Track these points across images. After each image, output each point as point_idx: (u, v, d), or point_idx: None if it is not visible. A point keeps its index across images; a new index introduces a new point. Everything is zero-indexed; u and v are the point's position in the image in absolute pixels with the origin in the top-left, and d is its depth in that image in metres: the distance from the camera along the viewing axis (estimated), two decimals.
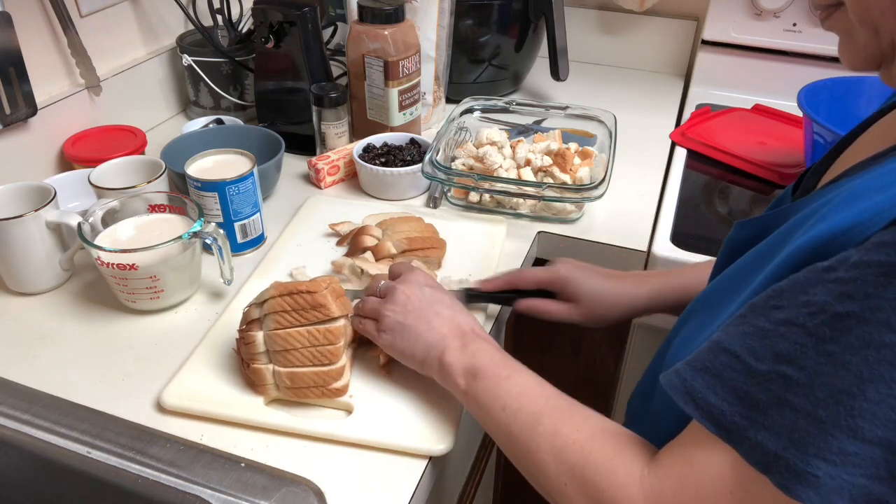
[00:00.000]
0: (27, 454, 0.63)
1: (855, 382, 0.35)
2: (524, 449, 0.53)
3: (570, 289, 0.73)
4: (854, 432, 0.35)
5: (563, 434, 0.51)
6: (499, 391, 0.56)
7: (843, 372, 0.36)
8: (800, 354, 0.37)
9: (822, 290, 0.37)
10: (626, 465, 0.47)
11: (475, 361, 0.58)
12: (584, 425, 0.51)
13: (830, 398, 0.36)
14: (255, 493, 0.57)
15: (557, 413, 0.53)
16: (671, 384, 0.44)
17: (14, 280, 0.80)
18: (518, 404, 0.54)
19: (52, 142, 1.00)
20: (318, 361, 0.64)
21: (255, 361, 0.65)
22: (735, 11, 1.25)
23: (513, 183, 0.92)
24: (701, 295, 0.56)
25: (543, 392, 0.55)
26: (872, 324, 0.35)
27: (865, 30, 0.44)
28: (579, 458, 0.49)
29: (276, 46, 1.05)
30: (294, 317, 0.64)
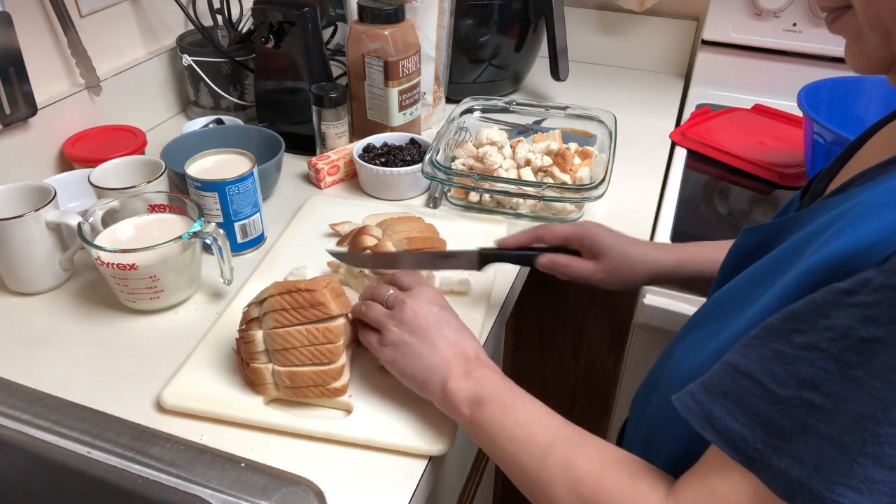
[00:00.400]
0: (27, 454, 0.63)
1: (880, 408, 0.35)
2: (535, 482, 0.51)
3: (597, 245, 0.72)
4: (880, 459, 0.35)
5: (575, 466, 0.49)
6: (506, 421, 0.54)
7: (868, 397, 0.35)
8: (824, 380, 0.37)
9: (844, 314, 0.37)
10: (643, 497, 0.46)
11: (480, 389, 0.57)
12: (596, 456, 0.50)
13: (855, 424, 0.35)
14: (255, 493, 0.57)
15: (567, 444, 0.51)
16: (687, 409, 0.43)
17: (14, 280, 0.80)
18: (526, 435, 0.53)
19: (52, 142, 1.00)
20: (318, 360, 0.64)
21: (254, 361, 0.65)
22: (735, 11, 1.25)
23: (513, 183, 0.92)
24: (708, 303, 0.55)
25: (552, 422, 0.54)
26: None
27: (876, 34, 0.44)
28: (594, 492, 0.47)
29: (276, 46, 1.05)
30: (293, 315, 0.64)
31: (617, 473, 0.48)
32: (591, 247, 0.72)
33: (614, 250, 0.72)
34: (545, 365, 1.16)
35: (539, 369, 1.17)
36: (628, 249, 0.72)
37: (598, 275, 0.72)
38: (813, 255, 0.41)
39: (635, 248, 0.73)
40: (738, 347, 0.42)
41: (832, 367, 0.36)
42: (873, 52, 0.45)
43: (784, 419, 0.38)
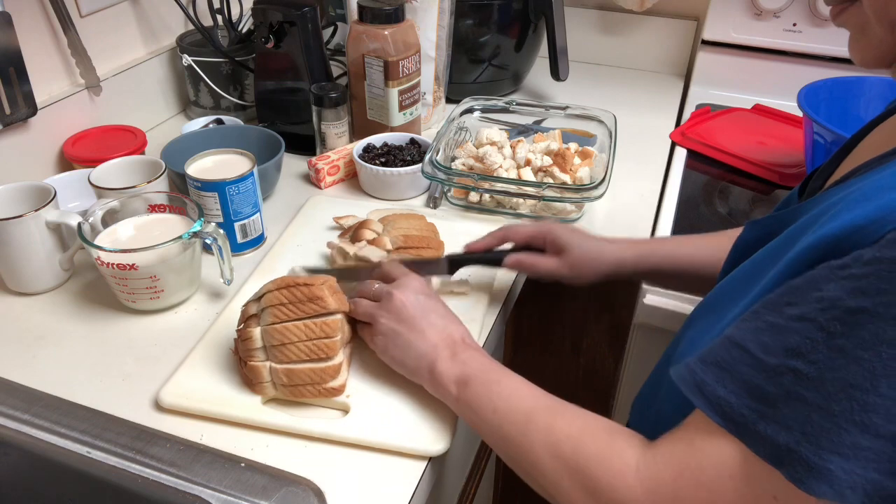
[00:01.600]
0: (27, 454, 0.63)
1: (868, 378, 0.35)
2: (518, 448, 0.53)
3: (558, 241, 0.75)
4: (867, 427, 0.35)
5: (555, 429, 0.51)
6: (490, 395, 0.56)
7: (856, 367, 0.36)
8: (810, 349, 0.37)
9: (834, 286, 0.37)
10: (620, 452, 0.47)
11: (465, 369, 0.59)
12: (575, 419, 0.52)
13: (843, 393, 0.36)
14: (255, 493, 0.57)
15: (548, 410, 0.53)
16: (681, 377, 0.44)
17: (14, 280, 0.80)
18: (508, 405, 0.55)
19: (52, 142, 1.00)
20: (315, 356, 0.64)
21: (252, 359, 0.65)
22: (735, 11, 1.25)
23: (513, 183, 0.92)
24: (711, 294, 0.56)
25: (532, 392, 0.56)
26: (885, 319, 0.35)
27: (882, 26, 0.44)
28: (573, 451, 0.49)
29: (276, 46, 1.05)
30: (291, 309, 0.64)
31: (595, 433, 0.50)
32: (552, 243, 0.75)
33: (575, 246, 0.74)
34: (545, 364, 1.16)
35: (539, 369, 1.17)
36: (589, 245, 0.75)
37: (561, 270, 0.75)
38: (811, 235, 0.42)
39: (595, 244, 0.75)
40: (737, 322, 0.43)
41: (818, 335, 0.37)
42: (878, 44, 0.45)
43: (770, 386, 0.38)
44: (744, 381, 0.40)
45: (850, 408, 0.36)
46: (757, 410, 0.39)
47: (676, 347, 0.56)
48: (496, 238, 0.78)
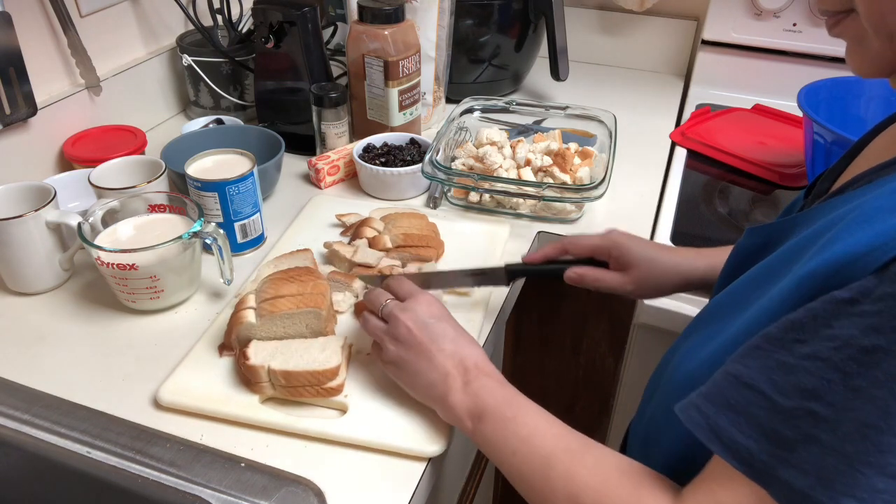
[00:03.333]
0: (27, 454, 0.63)
1: (882, 417, 0.35)
2: (539, 494, 0.51)
3: (625, 256, 0.71)
4: (883, 468, 0.35)
5: (577, 478, 0.49)
6: (507, 434, 0.54)
7: (871, 406, 0.35)
8: (827, 390, 0.37)
9: (846, 323, 0.37)
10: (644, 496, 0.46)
11: (479, 402, 0.57)
12: (596, 467, 0.49)
13: (858, 433, 0.35)
14: (255, 493, 0.57)
15: (569, 456, 0.51)
16: (692, 421, 0.43)
17: (14, 280, 0.80)
18: (528, 448, 0.53)
19: (52, 142, 1.00)
20: (305, 305, 0.67)
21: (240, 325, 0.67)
22: (735, 11, 1.25)
23: (513, 183, 0.92)
24: (709, 304, 0.55)
25: (552, 431, 0.53)
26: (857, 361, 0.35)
27: (879, 37, 0.43)
28: (595, 503, 0.47)
29: (276, 46, 1.05)
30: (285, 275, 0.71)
31: (619, 483, 0.48)
32: (618, 258, 0.71)
33: (644, 260, 0.70)
34: (545, 365, 1.16)
35: (539, 369, 1.17)
36: (658, 259, 0.71)
37: (627, 286, 0.71)
38: (810, 261, 0.41)
39: (665, 257, 0.71)
40: (739, 357, 0.42)
41: (834, 376, 0.36)
42: (877, 55, 0.45)
43: (788, 430, 0.38)
44: (760, 426, 0.39)
45: (865, 449, 0.35)
46: (776, 456, 0.38)
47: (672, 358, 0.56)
48: (556, 249, 0.75)
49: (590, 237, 0.74)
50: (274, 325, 0.68)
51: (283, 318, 0.68)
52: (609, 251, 0.72)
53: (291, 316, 0.68)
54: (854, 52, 0.47)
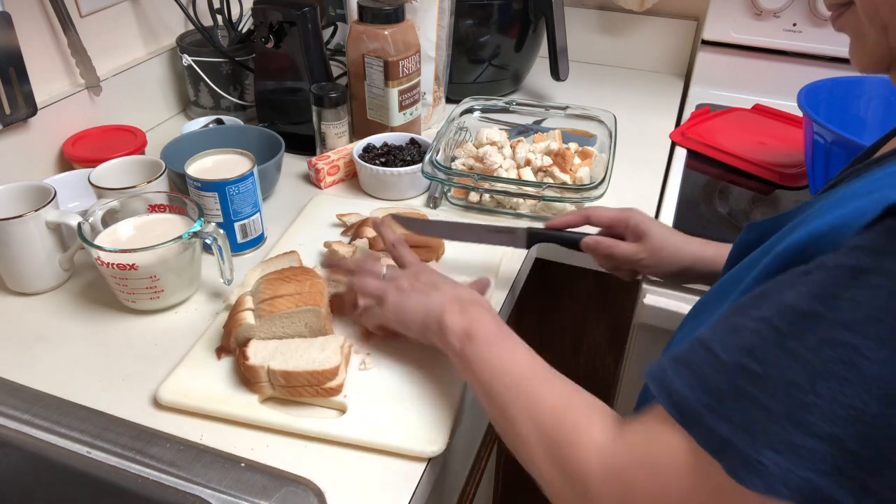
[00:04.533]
0: (27, 454, 0.63)
1: (808, 378, 0.36)
2: (504, 411, 0.54)
3: (641, 225, 0.74)
4: (803, 426, 0.36)
5: (540, 399, 0.52)
6: (490, 356, 0.57)
7: (799, 367, 0.37)
8: (762, 349, 0.38)
9: (795, 291, 0.39)
10: (591, 431, 0.48)
11: (472, 325, 0.60)
12: (562, 391, 0.53)
13: (783, 391, 0.37)
14: (255, 493, 0.57)
15: (538, 379, 0.54)
16: (651, 374, 0.45)
17: (14, 280, 0.80)
18: (504, 368, 0.56)
19: (52, 142, 1.00)
20: (303, 303, 0.68)
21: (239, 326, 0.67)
22: (735, 11, 1.25)
23: (513, 183, 0.92)
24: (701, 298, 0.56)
25: (531, 360, 0.56)
26: (832, 323, 0.36)
27: (874, 28, 0.44)
28: (551, 423, 0.50)
29: (276, 46, 1.05)
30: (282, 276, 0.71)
31: (576, 404, 0.51)
32: (635, 228, 0.75)
33: (658, 233, 0.74)
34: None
35: None
36: (671, 235, 0.74)
37: (640, 254, 0.74)
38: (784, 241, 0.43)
39: (677, 236, 0.75)
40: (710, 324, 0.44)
41: (772, 336, 0.38)
42: (873, 47, 0.46)
43: (722, 383, 0.40)
44: (702, 378, 0.41)
45: (789, 406, 0.37)
46: (707, 405, 0.40)
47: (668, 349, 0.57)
48: (578, 217, 0.78)
49: (609, 208, 0.77)
50: (273, 325, 0.68)
51: (282, 318, 0.68)
52: (627, 221, 0.75)
53: (291, 315, 0.68)
54: (854, 47, 0.48)
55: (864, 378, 0.35)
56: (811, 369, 0.36)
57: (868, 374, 0.35)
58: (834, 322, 0.36)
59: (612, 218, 0.76)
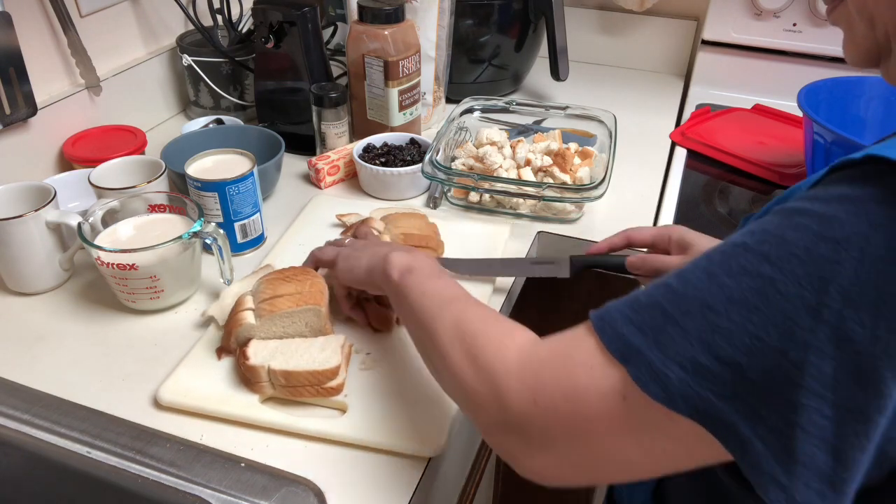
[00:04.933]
0: (27, 454, 0.63)
1: (724, 303, 0.37)
2: (429, 325, 0.54)
3: (685, 236, 0.74)
4: (712, 349, 0.37)
5: (467, 314, 0.53)
6: (424, 286, 0.58)
7: (717, 291, 0.37)
8: (688, 271, 0.40)
9: (742, 230, 0.40)
10: (513, 334, 0.49)
11: (413, 263, 0.62)
12: (486, 311, 0.53)
13: (698, 312, 0.38)
14: (255, 493, 0.57)
15: (466, 301, 0.55)
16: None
17: (14, 280, 0.80)
18: (436, 293, 0.57)
19: (52, 142, 1.00)
20: (304, 302, 0.68)
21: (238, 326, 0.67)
22: (735, 11, 1.25)
23: (513, 183, 0.92)
24: None
25: (463, 290, 0.58)
26: (757, 255, 0.37)
27: (863, 21, 0.45)
28: (475, 331, 0.50)
29: (276, 46, 1.05)
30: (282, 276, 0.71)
31: (501, 322, 0.51)
32: (679, 241, 0.74)
33: (702, 243, 0.73)
34: None
35: None
36: (713, 242, 0.74)
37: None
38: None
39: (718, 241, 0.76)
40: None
41: (700, 261, 0.40)
42: (862, 41, 0.46)
43: (644, 296, 0.41)
44: (631, 296, 0.42)
45: (701, 327, 0.37)
46: (624, 314, 0.41)
47: None
48: (620, 238, 0.78)
49: (650, 228, 0.78)
50: (274, 324, 0.68)
51: (282, 318, 0.68)
52: (669, 236, 0.75)
53: (291, 315, 0.68)
54: (845, 40, 0.48)
55: (772, 310, 0.35)
56: (728, 295, 0.37)
57: (777, 308, 0.35)
58: (758, 254, 0.37)
59: (654, 235, 0.76)
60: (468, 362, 0.49)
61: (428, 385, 0.67)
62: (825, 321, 0.34)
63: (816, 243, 0.35)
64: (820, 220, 0.35)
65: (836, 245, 0.34)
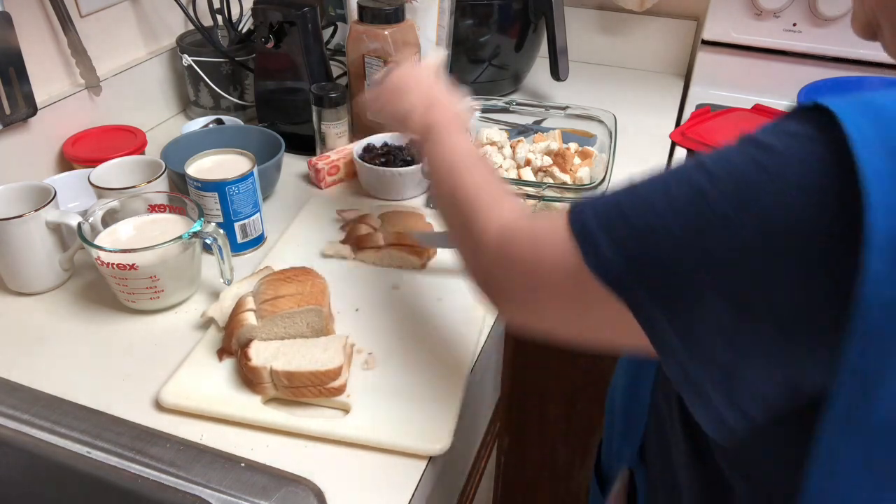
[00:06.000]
0: (27, 454, 0.63)
1: (664, 206, 0.41)
2: (446, 184, 0.61)
3: None
4: (646, 244, 0.41)
5: (471, 177, 0.59)
6: (444, 146, 0.65)
7: (662, 196, 0.41)
8: (652, 176, 0.44)
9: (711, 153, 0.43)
10: (504, 203, 0.56)
11: (435, 122, 0.67)
12: (491, 175, 0.60)
13: (644, 211, 0.42)
14: (255, 493, 0.57)
15: (475, 164, 0.62)
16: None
17: (14, 280, 0.80)
18: (449, 151, 0.64)
19: (52, 142, 1.00)
20: (306, 302, 0.68)
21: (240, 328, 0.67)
22: (735, 11, 1.25)
23: (513, 183, 0.92)
24: None
25: (472, 152, 0.64)
26: (704, 171, 0.40)
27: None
28: (475, 195, 0.57)
29: (276, 46, 1.05)
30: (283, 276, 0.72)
31: (498, 184, 0.59)
32: None
33: None
34: (545, 364, 1.16)
35: (539, 369, 1.17)
36: None
37: None
38: None
39: None
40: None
41: (664, 172, 0.43)
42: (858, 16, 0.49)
43: (611, 194, 0.45)
44: (604, 195, 0.46)
45: (643, 224, 0.41)
46: (592, 206, 0.46)
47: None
48: None
49: None
50: (275, 325, 0.68)
51: (284, 318, 0.68)
52: None
53: (293, 315, 0.68)
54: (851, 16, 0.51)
55: (699, 218, 0.39)
56: (669, 200, 0.40)
57: (702, 216, 0.39)
58: (705, 171, 0.40)
59: None
60: (464, 230, 0.57)
61: (431, 384, 0.67)
62: (739, 236, 0.37)
63: (751, 167, 0.38)
64: (762, 149, 0.38)
65: (765, 171, 0.37)
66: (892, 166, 0.33)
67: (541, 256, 0.48)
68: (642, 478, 0.65)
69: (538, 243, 0.48)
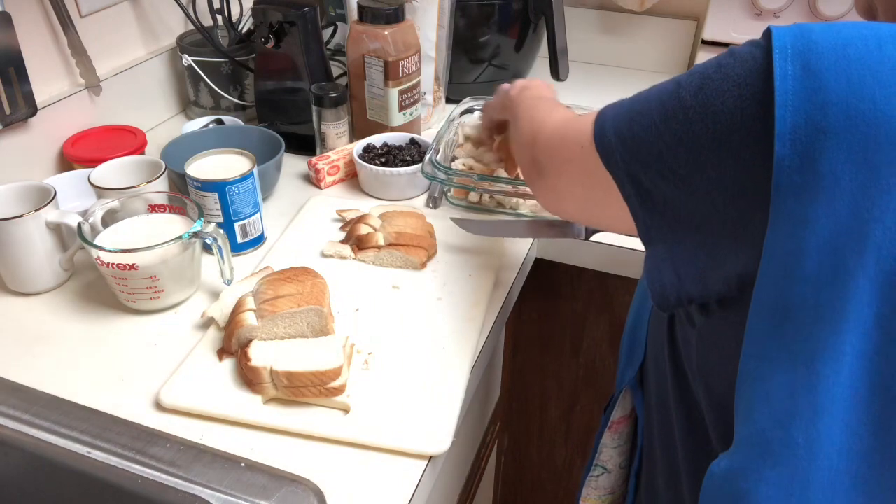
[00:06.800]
0: (27, 454, 0.63)
1: (651, 106, 0.49)
2: (518, 122, 0.71)
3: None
4: (636, 135, 0.49)
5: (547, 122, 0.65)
6: (537, 103, 0.71)
7: (655, 99, 0.49)
8: (658, 86, 0.50)
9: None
10: (556, 112, 0.66)
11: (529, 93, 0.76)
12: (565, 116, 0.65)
13: (641, 111, 0.49)
14: (255, 493, 0.57)
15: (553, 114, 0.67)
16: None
17: (14, 280, 0.80)
18: (532, 105, 0.71)
19: (52, 142, 1.00)
20: (306, 302, 0.68)
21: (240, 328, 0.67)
22: (735, 11, 1.25)
23: (512, 183, 0.92)
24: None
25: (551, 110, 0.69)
26: (678, 82, 0.47)
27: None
28: (547, 130, 0.64)
29: (276, 46, 1.05)
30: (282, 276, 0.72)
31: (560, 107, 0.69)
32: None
33: None
34: (545, 365, 1.16)
35: (539, 369, 1.17)
36: None
37: None
38: None
39: None
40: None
41: (668, 83, 0.49)
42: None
43: (628, 98, 0.53)
44: (625, 99, 0.53)
45: (640, 121, 0.49)
46: (614, 106, 0.53)
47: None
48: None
49: None
50: (275, 325, 0.68)
51: (283, 318, 0.68)
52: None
53: (293, 315, 0.68)
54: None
55: (663, 111, 0.47)
56: (657, 101, 0.48)
57: (667, 109, 0.47)
58: (678, 82, 0.47)
59: None
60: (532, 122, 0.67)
61: (431, 385, 0.67)
62: (690, 120, 0.45)
63: (713, 66, 0.45)
64: (728, 54, 0.45)
65: (720, 69, 0.45)
66: (797, 70, 0.40)
67: (566, 139, 0.58)
68: (640, 402, 0.72)
69: (568, 130, 0.58)
